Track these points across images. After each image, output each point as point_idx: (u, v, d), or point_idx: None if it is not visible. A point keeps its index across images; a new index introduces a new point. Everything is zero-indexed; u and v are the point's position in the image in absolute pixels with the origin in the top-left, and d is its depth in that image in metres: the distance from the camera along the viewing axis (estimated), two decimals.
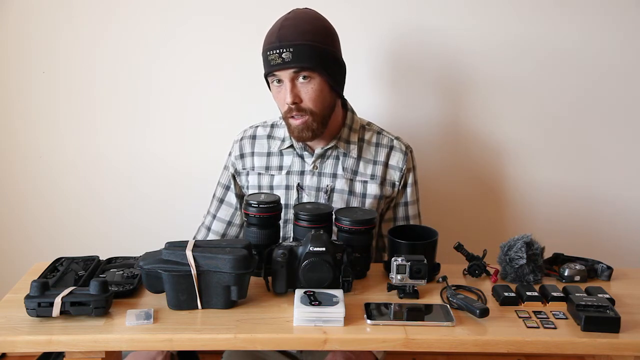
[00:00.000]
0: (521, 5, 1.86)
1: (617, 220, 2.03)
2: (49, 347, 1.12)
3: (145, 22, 1.90)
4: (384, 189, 1.56)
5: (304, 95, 1.43)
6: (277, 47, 1.39)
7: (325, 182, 1.54)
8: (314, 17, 1.46)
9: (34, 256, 1.63)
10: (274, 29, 1.43)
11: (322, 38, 1.42)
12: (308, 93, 1.42)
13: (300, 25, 1.41)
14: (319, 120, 1.45)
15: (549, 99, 1.94)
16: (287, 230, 1.53)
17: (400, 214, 1.60)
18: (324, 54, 1.42)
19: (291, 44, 1.38)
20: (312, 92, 1.42)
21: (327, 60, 1.43)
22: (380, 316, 1.17)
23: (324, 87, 1.44)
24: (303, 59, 1.39)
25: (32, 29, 1.90)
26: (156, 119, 1.98)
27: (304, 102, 1.43)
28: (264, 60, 1.44)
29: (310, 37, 1.40)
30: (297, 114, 1.44)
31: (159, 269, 1.18)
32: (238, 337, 1.11)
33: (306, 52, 1.39)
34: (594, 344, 1.11)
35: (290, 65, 1.39)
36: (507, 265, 1.35)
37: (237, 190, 1.64)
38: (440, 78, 1.94)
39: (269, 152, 1.59)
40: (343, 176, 1.54)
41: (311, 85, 1.42)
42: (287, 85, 1.42)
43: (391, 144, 1.58)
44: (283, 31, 1.40)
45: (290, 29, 1.40)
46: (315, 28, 1.42)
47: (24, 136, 2.00)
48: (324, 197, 1.54)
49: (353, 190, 1.54)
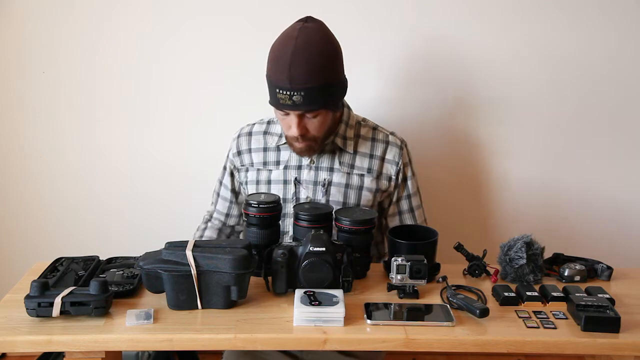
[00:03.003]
0: (518, 8, 1.86)
1: (617, 220, 2.03)
2: (49, 347, 1.12)
3: (144, 22, 1.90)
4: (380, 183, 1.57)
5: (310, 127, 1.46)
6: (288, 89, 1.37)
7: (323, 175, 1.55)
8: (323, 42, 1.40)
9: (34, 256, 1.63)
10: (283, 63, 1.37)
11: (330, 73, 1.41)
12: (314, 125, 1.45)
13: (312, 63, 1.37)
14: (320, 142, 1.51)
15: (549, 98, 1.94)
16: (285, 225, 1.54)
17: (404, 207, 1.63)
18: (332, 90, 1.43)
19: (302, 87, 1.37)
20: (318, 124, 1.46)
21: (334, 94, 1.45)
22: (380, 316, 1.17)
23: (329, 116, 1.48)
24: (313, 102, 1.39)
25: (32, 29, 1.90)
26: (156, 119, 1.98)
27: (310, 132, 1.46)
28: (270, 91, 1.43)
29: (321, 77, 1.38)
30: (302, 141, 1.47)
31: (159, 269, 1.18)
32: (238, 337, 1.11)
33: (317, 94, 1.39)
34: (594, 344, 1.11)
35: (300, 108, 1.40)
36: (507, 265, 1.35)
37: (233, 186, 1.68)
38: (437, 77, 1.94)
39: (265, 148, 1.60)
40: (340, 170, 1.56)
41: (318, 119, 1.44)
42: (294, 120, 1.43)
43: (387, 139, 1.60)
44: (294, 72, 1.36)
45: (301, 69, 1.36)
46: (325, 61, 1.39)
47: (24, 136, 2.00)
48: (322, 191, 1.55)
49: (350, 183, 1.56)
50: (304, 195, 1.55)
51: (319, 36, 1.40)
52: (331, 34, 1.44)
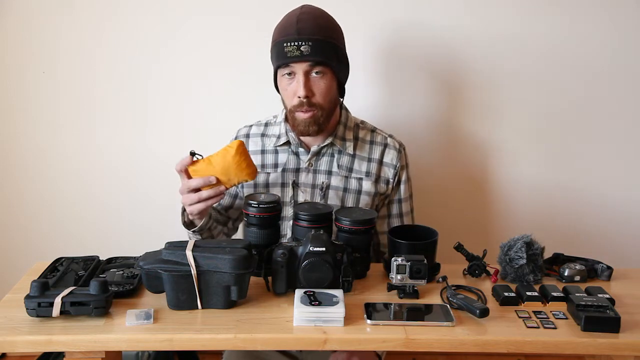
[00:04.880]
0: (515, 5, 1.86)
1: (617, 220, 2.03)
2: (49, 347, 1.12)
3: (144, 22, 1.90)
4: (378, 186, 1.57)
5: (316, 90, 1.45)
6: (296, 39, 1.40)
7: (321, 179, 1.55)
8: (326, 14, 1.49)
9: (34, 256, 1.63)
10: (290, 21, 1.44)
11: (336, 35, 1.47)
12: (320, 88, 1.45)
13: (319, 20, 1.44)
14: (326, 115, 1.48)
15: (549, 98, 1.94)
16: (282, 228, 1.53)
17: (394, 211, 1.62)
18: (338, 51, 1.46)
19: (310, 37, 1.40)
20: (324, 87, 1.45)
21: (339, 57, 1.47)
22: (380, 316, 1.17)
23: (333, 83, 1.48)
24: (321, 53, 1.41)
25: (33, 29, 1.90)
26: (156, 119, 1.98)
27: (316, 96, 1.45)
28: (278, 51, 1.44)
29: (328, 33, 1.44)
30: (307, 108, 1.45)
31: (159, 269, 1.18)
32: (238, 337, 1.11)
33: (324, 47, 1.42)
34: (594, 344, 1.11)
35: (308, 58, 1.41)
36: (507, 265, 1.35)
37: None
38: (435, 77, 1.94)
39: (263, 150, 1.60)
40: (338, 173, 1.55)
41: (324, 81, 1.45)
42: (301, 79, 1.43)
43: (385, 141, 1.59)
44: (302, 24, 1.42)
45: (309, 23, 1.42)
46: (330, 25, 1.46)
47: (24, 136, 2.00)
48: (320, 194, 1.55)
49: (348, 187, 1.55)
50: (301, 199, 1.55)
51: (322, 10, 1.50)
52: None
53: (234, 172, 1.36)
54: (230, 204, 1.65)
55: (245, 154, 1.38)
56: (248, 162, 1.38)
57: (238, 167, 1.36)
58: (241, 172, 1.37)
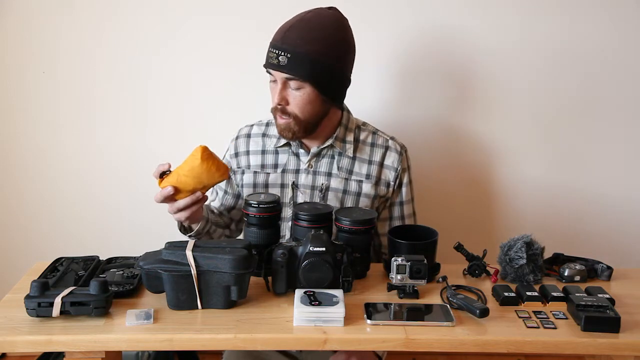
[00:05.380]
0: (517, 7, 1.86)
1: (617, 220, 2.03)
2: (49, 347, 1.12)
3: (145, 22, 1.90)
4: (379, 189, 1.56)
5: (291, 100, 1.43)
6: (279, 47, 1.38)
7: (320, 180, 1.55)
8: (329, 26, 1.41)
9: (34, 256, 1.63)
10: (285, 25, 1.41)
11: (326, 50, 1.39)
12: (295, 99, 1.42)
13: (311, 32, 1.38)
14: (302, 125, 1.45)
15: (549, 98, 1.94)
16: (282, 229, 1.53)
17: (395, 213, 1.61)
18: (321, 68, 1.39)
19: (292, 50, 1.36)
20: (300, 100, 1.42)
21: (323, 74, 1.40)
22: (380, 316, 1.17)
23: (314, 97, 1.42)
24: (296, 69, 1.37)
25: (33, 29, 1.90)
26: (156, 118, 1.98)
27: (290, 106, 1.43)
28: (267, 52, 1.44)
29: (315, 48, 1.37)
30: (282, 115, 1.44)
31: (159, 269, 1.18)
32: (238, 337, 1.11)
33: (302, 62, 1.37)
34: (594, 344, 1.11)
35: (283, 69, 1.38)
36: (507, 265, 1.35)
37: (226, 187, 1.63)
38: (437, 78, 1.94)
39: (263, 150, 1.59)
40: (338, 175, 1.55)
41: (300, 94, 1.41)
42: (278, 87, 1.42)
43: (386, 144, 1.58)
44: (290, 33, 1.38)
45: (296, 33, 1.38)
46: (324, 38, 1.39)
47: (24, 136, 2.00)
48: (319, 196, 1.54)
49: (348, 189, 1.55)
50: (301, 200, 1.55)
51: (332, 19, 1.42)
52: (348, 28, 1.46)
53: (205, 177, 1.33)
54: (233, 205, 1.65)
55: (212, 158, 1.33)
56: (217, 164, 1.34)
57: (208, 172, 1.32)
58: (212, 176, 1.34)
